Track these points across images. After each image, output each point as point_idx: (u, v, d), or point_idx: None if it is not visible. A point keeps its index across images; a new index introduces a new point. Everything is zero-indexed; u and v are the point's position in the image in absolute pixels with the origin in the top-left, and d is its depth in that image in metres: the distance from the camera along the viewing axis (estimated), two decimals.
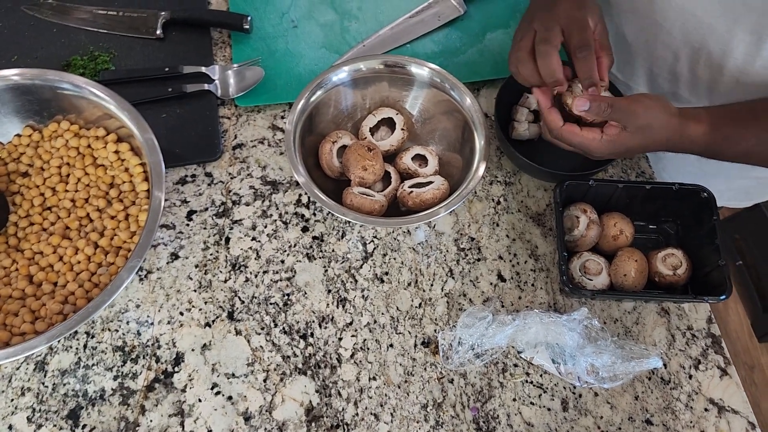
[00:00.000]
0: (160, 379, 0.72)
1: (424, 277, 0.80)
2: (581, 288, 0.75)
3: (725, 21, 0.72)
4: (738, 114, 0.70)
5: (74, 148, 0.80)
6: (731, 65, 0.75)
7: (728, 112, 0.70)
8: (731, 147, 0.70)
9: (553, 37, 0.70)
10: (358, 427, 0.71)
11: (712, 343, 0.77)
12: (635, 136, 0.68)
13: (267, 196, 0.84)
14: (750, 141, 0.69)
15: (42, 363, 0.72)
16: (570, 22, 0.70)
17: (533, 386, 0.74)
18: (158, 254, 0.79)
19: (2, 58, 0.91)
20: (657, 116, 0.68)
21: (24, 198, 0.78)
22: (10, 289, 0.72)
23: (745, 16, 0.70)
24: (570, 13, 0.70)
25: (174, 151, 0.84)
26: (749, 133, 0.69)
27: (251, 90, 0.89)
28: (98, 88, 0.77)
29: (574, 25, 0.70)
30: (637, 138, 0.69)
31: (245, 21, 0.93)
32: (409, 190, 0.78)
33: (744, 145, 0.70)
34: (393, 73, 0.84)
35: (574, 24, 0.70)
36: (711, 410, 0.74)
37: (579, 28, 0.69)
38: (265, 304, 0.77)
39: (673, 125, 0.68)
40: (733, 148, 0.70)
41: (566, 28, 0.70)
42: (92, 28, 0.95)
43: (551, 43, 0.69)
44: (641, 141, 0.69)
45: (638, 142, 0.69)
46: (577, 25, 0.70)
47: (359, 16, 0.99)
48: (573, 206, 0.79)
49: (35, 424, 0.69)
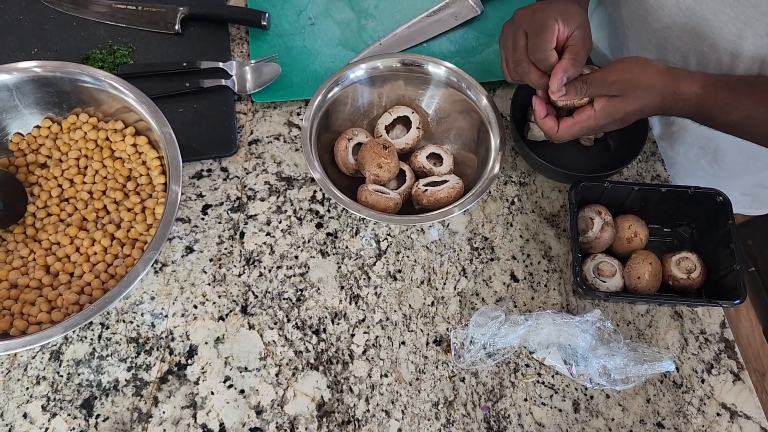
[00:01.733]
0: (174, 371, 0.72)
1: (437, 275, 0.80)
2: (595, 290, 0.75)
3: (735, 24, 0.71)
4: (734, 82, 0.69)
5: (92, 141, 0.81)
6: (741, 69, 0.75)
7: (724, 78, 0.70)
8: (724, 113, 0.69)
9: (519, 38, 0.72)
10: (369, 423, 0.71)
11: (725, 347, 0.77)
12: (626, 100, 0.68)
13: (282, 192, 0.84)
14: (743, 111, 0.68)
15: (57, 352, 0.73)
16: (530, 25, 0.71)
17: (545, 387, 0.74)
18: (173, 247, 0.79)
19: (23, 51, 0.92)
20: (641, 74, 0.68)
21: (42, 189, 0.79)
22: (27, 278, 0.73)
23: (755, 19, 0.69)
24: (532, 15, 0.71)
25: (190, 145, 0.85)
26: (743, 102, 0.68)
27: (268, 86, 0.89)
28: (118, 82, 0.77)
29: (532, 28, 0.70)
30: (630, 100, 0.68)
31: (263, 17, 0.93)
32: (424, 188, 0.78)
33: (737, 115, 0.69)
34: (410, 71, 0.84)
35: (532, 27, 0.70)
36: (723, 415, 0.73)
37: (535, 31, 0.70)
38: (278, 299, 0.77)
39: (664, 81, 0.68)
40: (725, 115, 0.69)
41: (528, 30, 0.71)
42: (111, 22, 0.95)
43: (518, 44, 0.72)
44: (635, 102, 0.68)
45: (632, 104, 0.69)
46: (534, 27, 0.70)
47: (376, 14, 1.00)
48: (588, 208, 0.79)
49: (50, 413, 0.69)
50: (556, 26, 0.69)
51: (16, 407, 0.70)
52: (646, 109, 0.69)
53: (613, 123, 0.71)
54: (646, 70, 0.68)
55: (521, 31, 0.71)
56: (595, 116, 0.70)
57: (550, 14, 0.69)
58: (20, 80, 0.78)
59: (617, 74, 0.68)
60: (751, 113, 0.68)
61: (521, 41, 0.71)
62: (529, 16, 0.71)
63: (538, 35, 0.69)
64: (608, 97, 0.69)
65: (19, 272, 0.74)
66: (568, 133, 0.71)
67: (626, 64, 0.69)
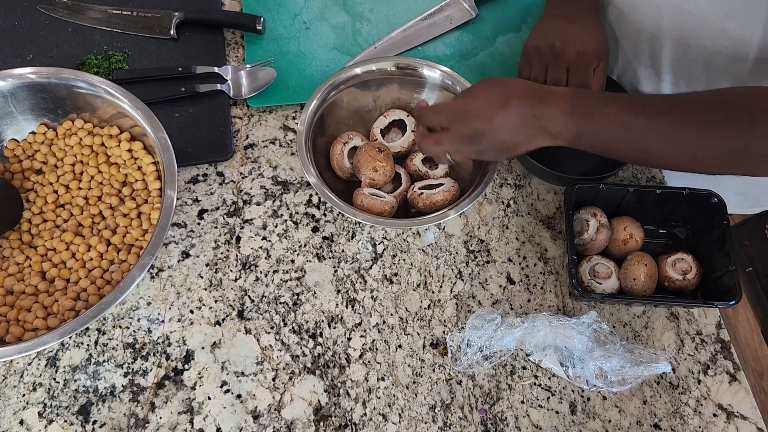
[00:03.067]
0: (170, 377, 0.72)
1: (434, 278, 0.80)
2: (591, 291, 0.75)
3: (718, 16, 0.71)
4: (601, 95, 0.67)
5: (88, 146, 0.81)
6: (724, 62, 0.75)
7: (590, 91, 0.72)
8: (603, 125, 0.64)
9: (561, 79, 0.79)
10: (366, 427, 0.71)
11: (721, 348, 0.77)
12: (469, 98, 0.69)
13: (278, 196, 0.84)
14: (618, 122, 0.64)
15: (53, 359, 0.73)
16: (575, 67, 0.78)
17: (541, 389, 0.74)
18: (169, 252, 0.79)
19: (18, 57, 0.92)
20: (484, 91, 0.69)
21: (38, 195, 0.79)
22: (23, 285, 0.73)
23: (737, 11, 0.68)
24: (579, 61, 0.77)
25: (186, 150, 0.85)
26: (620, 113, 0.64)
27: (263, 90, 0.90)
28: (112, 87, 0.77)
29: (577, 70, 0.78)
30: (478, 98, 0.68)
31: (258, 22, 0.94)
32: (420, 191, 0.78)
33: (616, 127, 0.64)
34: (405, 75, 0.84)
35: (578, 69, 0.77)
36: (720, 416, 0.73)
37: (580, 76, 0.78)
38: (274, 303, 0.77)
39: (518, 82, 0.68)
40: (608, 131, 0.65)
41: (571, 72, 0.78)
42: (106, 27, 0.95)
43: (561, 85, 0.78)
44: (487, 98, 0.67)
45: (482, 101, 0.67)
46: (580, 71, 0.77)
47: (371, 18, 1.00)
48: (583, 210, 0.79)
49: (46, 420, 0.69)
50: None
51: (12, 414, 0.69)
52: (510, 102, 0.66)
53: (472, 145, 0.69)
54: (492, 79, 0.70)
55: (563, 68, 0.78)
56: (451, 136, 0.69)
57: (593, 60, 0.77)
58: (15, 86, 0.78)
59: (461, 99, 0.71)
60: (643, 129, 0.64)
61: (563, 79, 0.78)
62: (575, 58, 0.77)
63: (582, 84, 0.77)
64: None
65: (14, 278, 0.74)
66: (424, 145, 0.72)
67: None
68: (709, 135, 0.60)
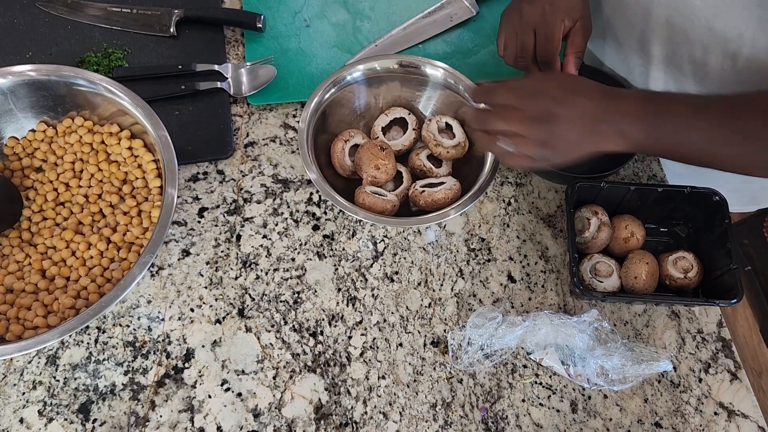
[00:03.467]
0: (171, 375, 0.72)
1: (434, 277, 0.80)
2: (592, 290, 0.75)
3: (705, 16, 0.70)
4: (681, 98, 0.67)
5: (88, 144, 0.80)
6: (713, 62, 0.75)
7: (666, 93, 0.70)
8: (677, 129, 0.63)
9: (527, 41, 0.76)
10: (367, 425, 0.71)
11: (722, 346, 0.77)
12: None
13: (278, 194, 0.84)
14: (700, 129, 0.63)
15: (54, 357, 0.72)
16: (539, 29, 0.75)
17: (542, 387, 0.74)
18: (170, 251, 0.79)
19: (17, 54, 0.91)
20: (557, 79, 0.69)
21: (38, 193, 0.79)
22: (23, 283, 0.73)
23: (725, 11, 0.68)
24: (544, 19, 0.74)
25: (186, 148, 0.84)
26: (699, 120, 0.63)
27: (263, 88, 0.89)
28: (113, 85, 0.77)
29: (541, 32, 0.75)
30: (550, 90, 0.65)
31: (258, 20, 0.93)
32: (421, 189, 0.78)
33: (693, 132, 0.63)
34: (406, 73, 0.84)
35: (541, 31, 0.75)
36: (721, 414, 0.73)
37: (545, 38, 0.74)
38: (275, 301, 0.77)
39: (597, 94, 0.65)
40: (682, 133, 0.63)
41: (537, 32, 0.75)
42: (106, 25, 0.95)
43: (527, 48, 0.76)
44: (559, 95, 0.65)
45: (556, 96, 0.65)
46: (543, 33, 0.74)
47: (372, 15, 1.00)
48: (584, 208, 0.79)
49: (46, 418, 0.69)
50: (562, 27, 0.73)
51: (12, 412, 0.69)
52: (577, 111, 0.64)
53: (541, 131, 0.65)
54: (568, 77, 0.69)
55: (530, 30, 0.75)
56: (522, 115, 0.65)
57: (558, 17, 0.73)
58: (15, 84, 0.78)
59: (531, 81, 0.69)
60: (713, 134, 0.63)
61: (529, 41, 0.75)
62: (539, 16, 0.74)
63: (548, 41, 0.74)
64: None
65: (14, 276, 0.73)
66: (486, 118, 0.67)
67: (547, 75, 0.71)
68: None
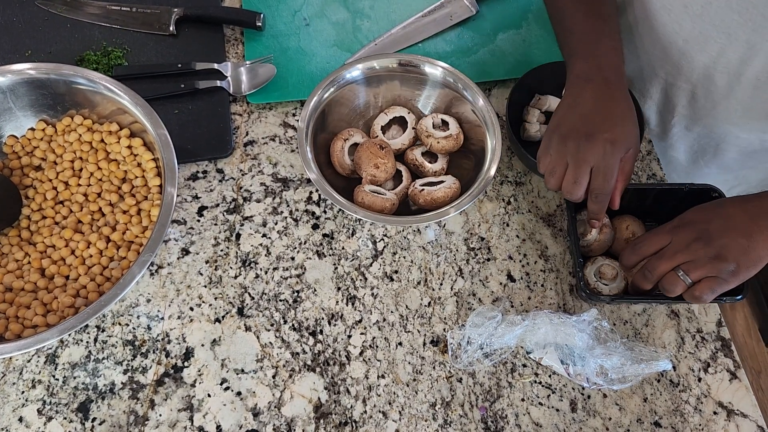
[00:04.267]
0: (170, 374, 0.72)
1: (434, 276, 0.80)
2: (598, 293, 0.74)
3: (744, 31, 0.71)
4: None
5: (87, 143, 0.80)
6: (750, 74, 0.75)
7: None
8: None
9: (582, 179, 0.69)
10: (367, 424, 0.71)
11: (721, 346, 0.77)
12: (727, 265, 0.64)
13: (278, 193, 0.84)
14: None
15: (53, 356, 0.72)
16: (599, 167, 0.68)
17: (542, 387, 0.74)
18: (169, 249, 0.79)
19: (17, 53, 0.91)
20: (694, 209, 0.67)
21: (37, 191, 0.79)
22: (22, 282, 0.73)
23: (764, 26, 0.69)
24: (604, 158, 0.68)
25: (186, 147, 0.84)
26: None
27: (263, 87, 0.89)
28: (112, 83, 0.77)
29: (600, 171, 0.68)
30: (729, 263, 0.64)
31: (258, 18, 0.93)
32: (421, 188, 0.78)
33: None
34: (406, 72, 0.84)
35: (601, 170, 0.68)
36: (720, 413, 0.73)
37: (604, 177, 0.68)
38: (274, 300, 0.77)
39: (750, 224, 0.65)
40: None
41: (594, 170, 0.69)
42: (105, 23, 0.95)
43: (581, 185, 0.69)
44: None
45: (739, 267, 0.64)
46: (603, 172, 0.68)
47: (371, 14, 1.00)
48: (585, 211, 0.79)
49: (45, 417, 0.69)
50: (620, 163, 0.69)
51: (11, 411, 0.69)
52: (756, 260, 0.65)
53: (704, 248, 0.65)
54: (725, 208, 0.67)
55: (586, 167, 0.68)
56: (675, 246, 0.66)
57: (618, 155, 0.68)
58: (14, 82, 0.77)
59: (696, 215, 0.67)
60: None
61: (585, 178, 0.69)
62: (600, 156, 0.68)
63: (606, 180, 0.68)
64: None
65: (13, 275, 0.73)
66: (650, 267, 0.67)
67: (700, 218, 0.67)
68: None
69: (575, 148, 0.69)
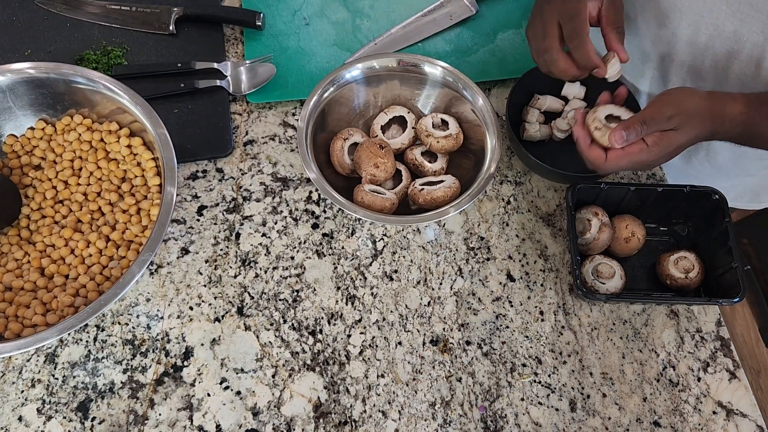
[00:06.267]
0: (170, 373, 0.72)
1: (433, 275, 0.80)
2: (595, 292, 0.74)
3: (732, 22, 0.71)
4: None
5: (87, 142, 0.80)
6: (736, 68, 0.75)
7: (764, 95, 0.69)
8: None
9: (550, 29, 0.72)
10: (366, 424, 0.71)
11: (721, 346, 0.77)
12: (680, 132, 0.67)
13: (277, 193, 0.84)
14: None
15: (52, 355, 0.72)
16: (562, 13, 0.71)
17: (541, 386, 0.74)
18: (169, 249, 0.79)
19: (16, 52, 0.91)
20: (692, 103, 0.67)
21: (36, 191, 0.78)
22: (22, 281, 0.73)
23: (752, 17, 0.69)
24: (563, 3, 0.71)
25: (185, 146, 0.84)
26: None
27: (263, 87, 0.89)
28: (112, 83, 0.77)
29: (565, 15, 0.71)
30: (684, 132, 0.67)
31: (258, 18, 0.93)
32: (420, 187, 0.78)
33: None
34: (406, 71, 0.84)
35: (565, 14, 0.71)
36: (719, 413, 0.73)
37: (569, 18, 0.71)
38: (274, 300, 0.77)
39: (711, 107, 0.67)
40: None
41: (560, 20, 0.72)
42: (105, 23, 0.95)
43: (549, 35, 0.72)
44: (689, 133, 0.67)
45: (686, 135, 0.67)
46: (567, 14, 0.71)
47: (371, 14, 0.99)
48: (584, 209, 0.79)
49: (45, 416, 0.69)
50: (587, 9, 0.71)
51: (11, 410, 0.69)
52: (697, 138, 0.68)
53: (664, 156, 0.69)
54: (694, 98, 0.67)
55: (553, 20, 0.72)
56: (648, 150, 0.68)
57: (582, 1, 0.71)
58: (14, 82, 0.77)
59: (672, 108, 0.67)
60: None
61: (552, 30, 0.72)
62: (560, 4, 0.72)
63: (572, 20, 0.70)
64: (661, 131, 0.67)
65: (13, 275, 0.73)
66: (616, 164, 0.69)
67: (675, 96, 0.68)
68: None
69: (539, 16, 0.74)
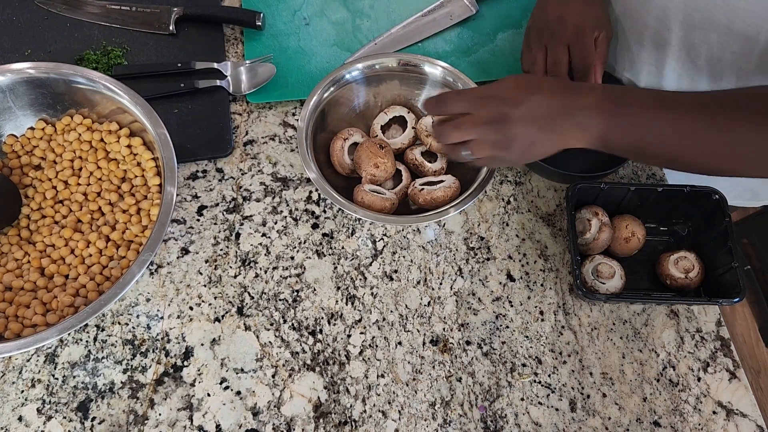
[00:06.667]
0: (170, 373, 0.72)
1: (433, 275, 0.80)
2: (595, 291, 0.74)
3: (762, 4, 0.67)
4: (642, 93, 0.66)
5: (87, 142, 0.80)
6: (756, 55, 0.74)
7: (626, 88, 0.70)
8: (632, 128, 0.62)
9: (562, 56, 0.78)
10: (366, 424, 0.71)
11: (721, 345, 0.77)
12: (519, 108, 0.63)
13: (277, 193, 0.84)
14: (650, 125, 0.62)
15: (52, 355, 0.72)
16: (575, 42, 0.77)
17: (541, 386, 0.74)
18: (169, 249, 0.79)
19: (16, 52, 0.91)
20: (535, 82, 0.66)
21: (36, 191, 0.78)
22: (21, 281, 0.73)
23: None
24: (578, 36, 0.77)
25: (185, 146, 0.84)
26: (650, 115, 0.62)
27: (263, 87, 0.89)
28: (112, 83, 0.77)
29: (576, 47, 0.77)
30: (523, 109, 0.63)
31: (258, 18, 0.93)
32: (421, 187, 0.78)
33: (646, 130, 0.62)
34: (406, 71, 0.84)
35: (576, 46, 0.77)
36: (719, 413, 0.73)
37: (581, 51, 0.77)
38: (274, 300, 0.77)
39: (564, 86, 0.65)
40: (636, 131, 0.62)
41: (571, 48, 0.78)
42: (105, 23, 0.95)
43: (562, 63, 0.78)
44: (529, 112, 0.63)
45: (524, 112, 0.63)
46: (580, 47, 0.77)
47: (371, 14, 0.99)
48: (584, 209, 0.79)
49: (45, 416, 0.69)
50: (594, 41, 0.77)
51: (11, 410, 0.69)
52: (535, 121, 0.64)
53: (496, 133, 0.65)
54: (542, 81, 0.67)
55: (563, 47, 0.78)
56: (474, 120, 0.65)
57: (591, 32, 0.77)
58: (14, 82, 0.77)
59: (501, 83, 0.66)
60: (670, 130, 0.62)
61: (564, 57, 0.78)
62: (572, 33, 0.77)
63: (584, 56, 0.77)
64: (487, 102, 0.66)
65: (13, 275, 0.73)
66: (441, 131, 0.67)
67: (517, 76, 0.68)
68: (755, 135, 0.59)
69: (550, 35, 0.79)
